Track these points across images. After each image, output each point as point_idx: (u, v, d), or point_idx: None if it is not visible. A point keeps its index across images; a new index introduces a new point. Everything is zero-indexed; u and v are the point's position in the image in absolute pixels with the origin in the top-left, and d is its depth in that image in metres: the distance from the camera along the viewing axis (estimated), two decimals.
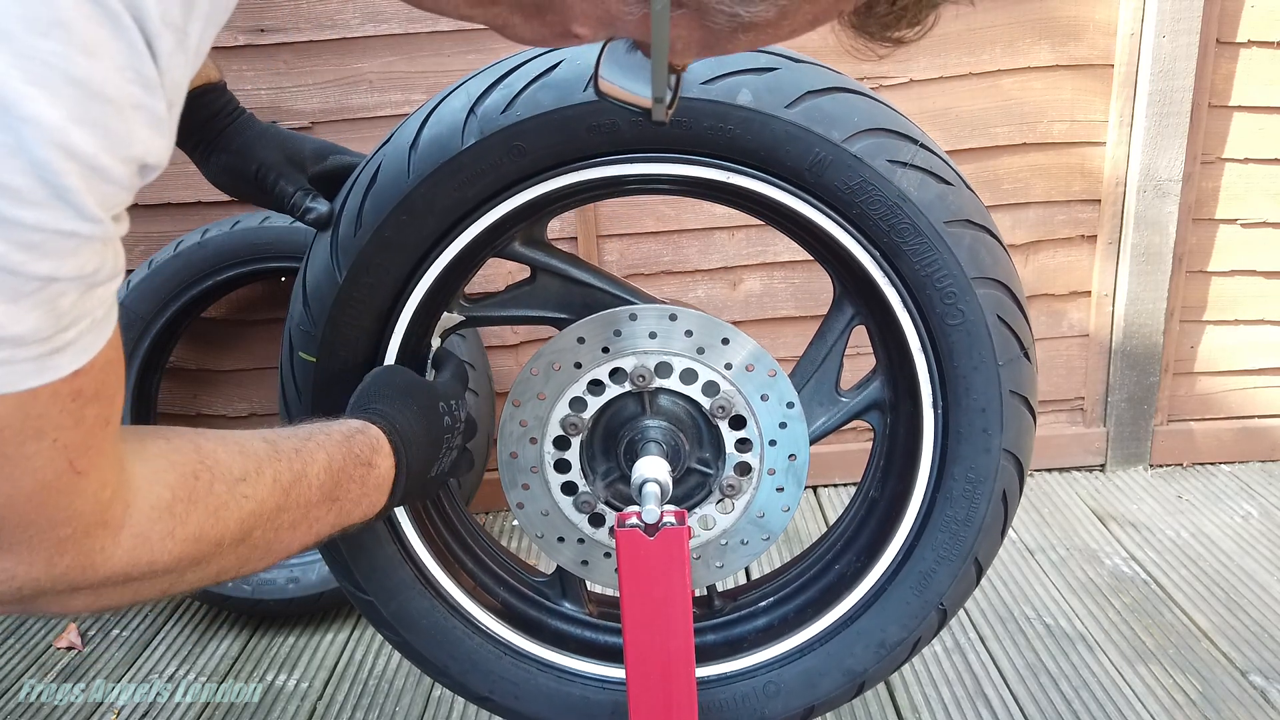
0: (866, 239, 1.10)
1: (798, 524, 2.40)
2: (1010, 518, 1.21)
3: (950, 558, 1.20)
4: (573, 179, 1.09)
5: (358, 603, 1.25)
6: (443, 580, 1.26)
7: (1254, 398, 2.54)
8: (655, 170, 1.09)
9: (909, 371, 1.18)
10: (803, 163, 1.06)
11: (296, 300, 1.14)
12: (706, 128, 1.05)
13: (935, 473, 1.19)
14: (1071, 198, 2.37)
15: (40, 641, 2.11)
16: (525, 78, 1.05)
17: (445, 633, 1.25)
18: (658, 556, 1.05)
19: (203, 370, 2.39)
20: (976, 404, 1.14)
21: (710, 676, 1.26)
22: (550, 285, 1.20)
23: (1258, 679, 1.75)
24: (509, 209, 1.10)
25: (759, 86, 1.04)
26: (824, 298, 2.39)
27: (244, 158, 1.12)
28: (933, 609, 1.22)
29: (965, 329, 1.11)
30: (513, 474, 1.19)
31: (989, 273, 1.10)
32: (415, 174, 1.06)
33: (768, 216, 1.19)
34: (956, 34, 2.23)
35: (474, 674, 1.27)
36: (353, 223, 1.09)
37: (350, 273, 1.10)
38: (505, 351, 2.41)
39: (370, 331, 1.14)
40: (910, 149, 1.06)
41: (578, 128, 1.05)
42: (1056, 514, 2.36)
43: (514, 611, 1.33)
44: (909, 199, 1.06)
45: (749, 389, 1.15)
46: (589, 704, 1.28)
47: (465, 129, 1.05)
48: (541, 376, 1.15)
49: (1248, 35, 2.26)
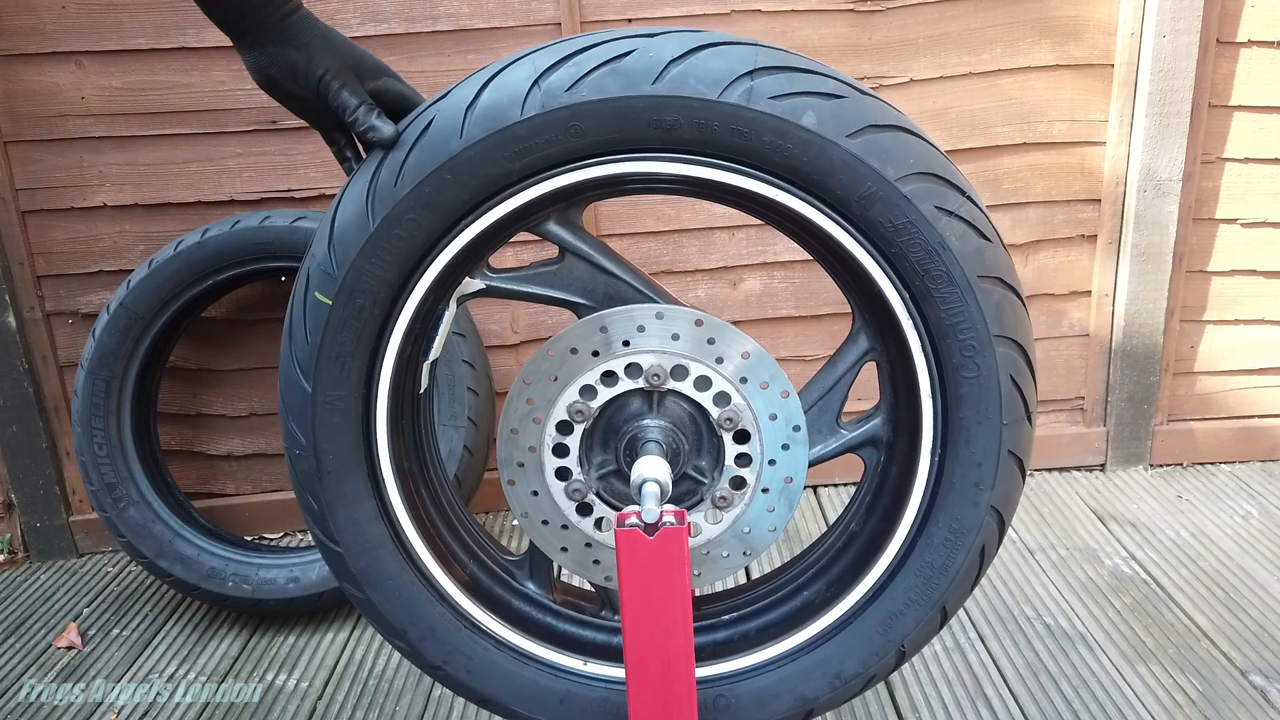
0: (899, 279, 1.11)
1: (797, 523, 2.40)
2: (984, 571, 1.23)
3: (920, 602, 1.22)
4: (621, 169, 1.08)
5: (327, 554, 1.23)
6: (417, 544, 1.25)
7: (1254, 397, 2.54)
8: (704, 174, 1.09)
9: (914, 414, 1.19)
10: (853, 193, 1.06)
11: (321, 240, 1.11)
12: (765, 142, 1.05)
13: (921, 518, 1.20)
14: (1071, 197, 2.37)
15: (40, 641, 2.11)
16: (595, 60, 1.04)
17: (410, 596, 1.25)
18: (657, 556, 1.05)
19: (203, 370, 2.39)
20: (974, 457, 1.15)
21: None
22: (577, 269, 1.19)
23: (1258, 679, 1.75)
24: (553, 187, 1.09)
25: (824, 111, 1.04)
26: (824, 298, 2.40)
27: (308, 56, 1.04)
28: (893, 649, 1.24)
29: (978, 383, 1.13)
30: (510, 450, 1.19)
31: (1010, 333, 1.12)
32: (468, 136, 1.05)
33: (801, 237, 1.19)
34: (956, 34, 2.23)
35: (431, 642, 1.26)
36: (395, 172, 1.07)
37: (382, 223, 1.08)
38: (505, 351, 2.41)
39: (391, 285, 1.12)
40: (957, 199, 1.08)
41: (639, 120, 1.04)
42: (1056, 514, 2.36)
43: (480, 586, 1.32)
44: (949, 247, 1.08)
45: (759, 405, 1.16)
46: (539, 689, 1.28)
47: (526, 100, 1.04)
48: (557, 359, 1.15)
49: (1248, 35, 2.26)
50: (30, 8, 2.12)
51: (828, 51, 2.22)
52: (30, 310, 2.30)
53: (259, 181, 2.25)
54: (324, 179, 2.25)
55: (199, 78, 2.17)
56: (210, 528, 2.21)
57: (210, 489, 2.49)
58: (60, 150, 2.21)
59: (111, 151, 2.21)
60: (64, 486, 2.43)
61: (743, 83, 1.03)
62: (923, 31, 2.23)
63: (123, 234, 2.27)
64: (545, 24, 2.18)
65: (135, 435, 2.12)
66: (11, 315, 2.27)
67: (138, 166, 2.22)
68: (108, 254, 2.28)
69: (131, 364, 2.10)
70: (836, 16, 2.21)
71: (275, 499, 2.48)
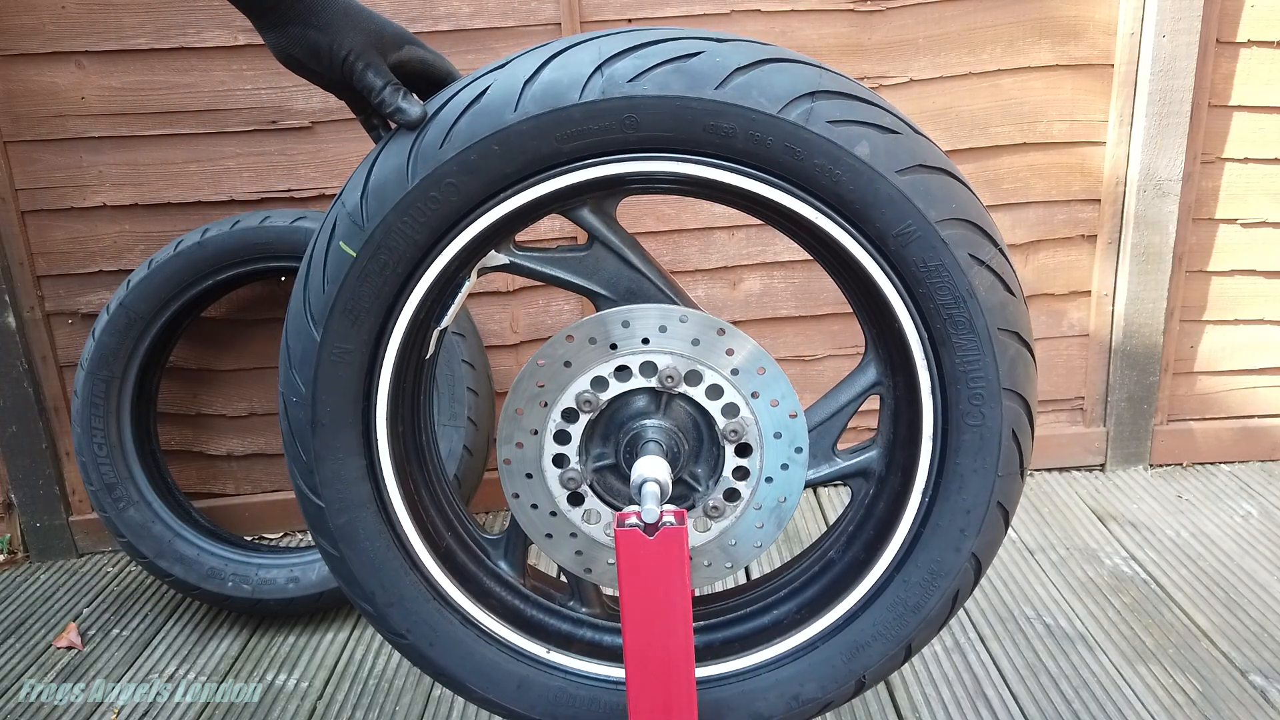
0: (922, 319, 1.12)
1: (797, 523, 2.40)
2: (954, 615, 1.25)
3: (887, 637, 1.23)
4: (667, 168, 1.08)
5: (308, 506, 1.22)
6: (399, 508, 1.24)
7: (1254, 397, 2.54)
8: (747, 186, 1.09)
9: (911, 453, 1.19)
10: (891, 228, 1.07)
11: (355, 189, 1.10)
12: (816, 164, 1.05)
13: (902, 556, 1.21)
14: (1071, 197, 2.37)
15: (40, 641, 2.11)
16: (662, 55, 1.04)
17: (384, 560, 1.24)
18: (657, 556, 1.05)
19: (203, 370, 2.39)
20: (964, 504, 1.17)
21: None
22: (604, 260, 1.19)
23: (1258, 679, 1.75)
24: (597, 175, 1.09)
25: (879, 144, 1.05)
26: (824, 298, 2.40)
27: (331, 36, 1.02)
28: (854, 678, 1.25)
29: (980, 433, 1.14)
30: (512, 429, 1.18)
31: (1020, 389, 1.13)
32: (522, 110, 1.04)
33: (830, 262, 1.20)
34: (956, 34, 2.23)
35: (398, 609, 1.26)
36: (442, 134, 1.06)
37: (421, 183, 1.07)
38: (505, 351, 2.41)
39: (419, 246, 1.11)
40: (991, 250, 1.09)
41: (696, 123, 1.04)
42: (1056, 514, 2.36)
43: (454, 560, 1.32)
44: (976, 296, 1.09)
45: (766, 422, 1.16)
46: (499, 671, 1.28)
47: (587, 84, 1.03)
48: (575, 346, 1.15)
49: (1248, 35, 2.26)
50: (30, 8, 2.12)
51: (828, 51, 2.22)
52: (30, 310, 2.30)
53: (259, 181, 2.25)
54: (324, 179, 2.25)
55: (199, 78, 2.17)
56: (210, 528, 2.21)
57: (210, 489, 2.49)
58: (60, 150, 2.21)
59: (111, 151, 2.21)
60: (64, 486, 2.43)
61: (804, 103, 1.03)
62: (923, 31, 2.23)
63: (123, 234, 2.27)
64: (545, 24, 2.18)
65: (135, 435, 2.13)
66: (11, 315, 2.27)
67: (138, 166, 2.22)
68: (108, 254, 2.28)
69: (131, 364, 2.10)
70: (836, 16, 2.21)
71: (275, 499, 2.48)
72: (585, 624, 1.35)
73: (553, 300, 2.39)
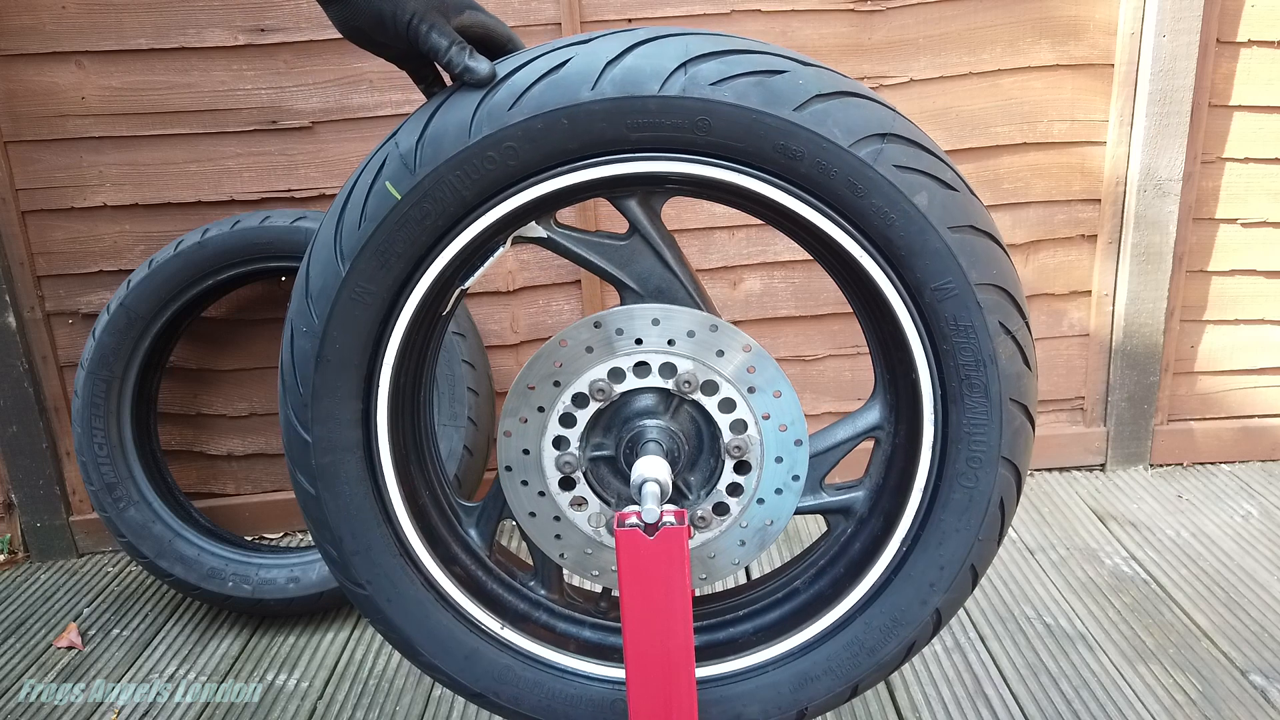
0: (939, 374, 1.13)
1: (797, 522, 2.40)
2: (905, 663, 1.26)
3: (837, 674, 1.24)
4: (726, 177, 1.08)
5: (294, 439, 1.20)
6: (385, 458, 1.23)
7: (1254, 397, 2.54)
8: (799, 210, 1.09)
9: (898, 502, 1.21)
10: (931, 280, 1.08)
11: (412, 132, 1.08)
12: (873, 204, 1.06)
13: (869, 598, 1.23)
14: (1071, 197, 2.37)
15: (40, 641, 2.11)
16: (748, 66, 1.03)
17: (359, 508, 1.22)
18: (658, 556, 1.05)
19: (203, 370, 2.39)
20: (940, 560, 1.19)
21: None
22: (640, 254, 1.18)
23: (1258, 679, 1.75)
24: (656, 169, 1.08)
25: (937, 197, 1.06)
26: (824, 298, 2.40)
27: (394, 2, 1.02)
28: (797, 709, 1.26)
29: (970, 495, 1.16)
30: (517, 402, 1.18)
31: (1017, 459, 1.15)
32: (599, 91, 1.03)
33: (858, 295, 1.21)
34: (956, 33, 2.23)
35: (362, 559, 1.24)
36: (513, 97, 1.05)
37: (481, 141, 1.06)
38: (505, 351, 2.41)
39: (465, 203, 1.09)
40: (1018, 321, 1.12)
41: (767, 139, 1.04)
42: (1056, 514, 2.36)
43: (427, 519, 1.31)
44: (996, 363, 1.11)
45: (770, 444, 1.17)
46: (450, 638, 1.28)
47: (669, 78, 1.03)
48: (600, 334, 1.15)
49: (1248, 35, 2.26)
50: (30, 8, 2.12)
51: (828, 51, 2.22)
52: (30, 310, 2.30)
53: (259, 181, 2.25)
54: (324, 179, 2.25)
55: (199, 78, 2.17)
56: (210, 528, 2.21)
57: (210, 489, 2.49)
58: (60, 150, 2.21)
59: (111, 151, 2.22)
60: (64, 486, 2.43)
61: (875, 142, 1.04)
62: (923, 31, 2.23)
63: (123, 234, 2.27)
64: (545, 24, 2.18)
65: (135, 435, 2.13)
66: (11, 315, 2.27)
67: (138, 166, 2.22)
68: (108, 254, 2.28)
69: (131, 364, 2.10)
70: (836, 16, 2.21)
71: (275, 499, 2.48)
72: (542, 607, 1.35)
73: (553, 301, 2.39)
